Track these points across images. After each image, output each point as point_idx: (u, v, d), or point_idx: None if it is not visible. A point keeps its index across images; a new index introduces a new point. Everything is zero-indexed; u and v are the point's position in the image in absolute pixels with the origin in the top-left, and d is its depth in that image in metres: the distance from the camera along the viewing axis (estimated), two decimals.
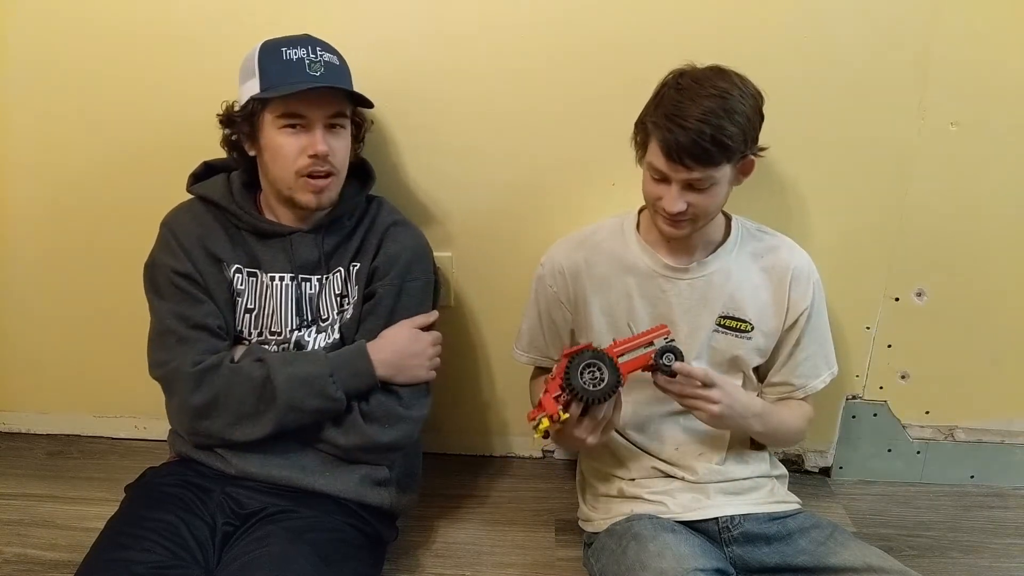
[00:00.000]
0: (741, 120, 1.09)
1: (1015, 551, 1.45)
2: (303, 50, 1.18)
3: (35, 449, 1.77)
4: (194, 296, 1.22)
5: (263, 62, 1.18)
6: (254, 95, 1.17)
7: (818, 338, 1.30)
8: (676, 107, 1.09)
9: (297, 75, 1.16)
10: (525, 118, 1.44)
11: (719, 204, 1.18)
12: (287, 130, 1.18)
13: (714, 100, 1.08)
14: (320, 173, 1.20)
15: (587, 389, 1.10)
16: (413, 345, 1.25)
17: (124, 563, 1.03)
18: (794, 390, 1.31)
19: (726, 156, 1.10)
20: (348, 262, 1.28)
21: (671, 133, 1.08)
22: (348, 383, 1.19)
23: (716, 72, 1.13)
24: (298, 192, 1.21)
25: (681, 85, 1.11)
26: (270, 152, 1.19)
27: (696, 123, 1.07)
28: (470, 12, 1.39)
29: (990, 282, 1.51)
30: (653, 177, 1.16)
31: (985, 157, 1.42)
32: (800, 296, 1.26)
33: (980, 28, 1.34)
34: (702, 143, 1.07)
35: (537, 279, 1.36)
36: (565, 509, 1.52)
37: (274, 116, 1.17)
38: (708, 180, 1.12)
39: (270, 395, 1.16)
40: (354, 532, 1.22)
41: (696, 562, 1.09)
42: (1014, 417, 1.61)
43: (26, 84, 1.50)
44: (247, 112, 1.19)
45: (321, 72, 1.18)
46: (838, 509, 1.58)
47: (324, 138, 1.18)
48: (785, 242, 1.30)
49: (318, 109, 1.18)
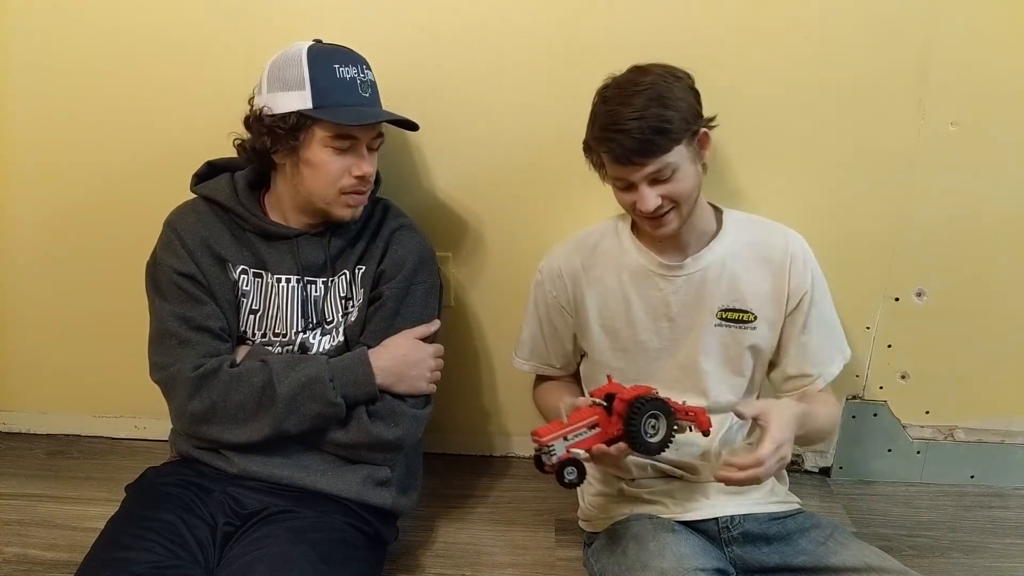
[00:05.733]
0: (675, 103, 1.10)
1: (1015, 551, 1.45)
2: (354, 68, 1.19)
3: (35, 449, 1.77)
4: (196, 297, 1.22)
5: (316, 76, 1.15)
6: (305, 110, 1.15)
7: (825, 321, 1.29)
8: (609, 116, 1.11)
9: (350, 95, 1.17)
10: (525, 118, 1.45)
11: (692, 187, 1.17)
12: (333, 149, 1.17)
13: (641, 96, 1.09)
14: (361, 191, 1.22)
15: (649, 442, 1.08)
16: (414, 354, 1.26)
17: (124, 563, 1.03)
18: (812, 380, 1.29)
19: (673, 140, 1.11)
20: (353, 265, 1.28)
21: (613, 141, 1.10)
22: (347, 389, 1.19)
23: (636, 71, 1.15)
24: (335, 207, 1.21)
25: (607, 96, 1.14)
26: (312, 168, 1.18)
27: (633, 122, 1.08)
28: (470, 12, 1.39)
29: (990, 282, 1.51)
30: (619, 187, 1.18)
31: (985, 157, 1.42)
32: (799, 280, 1.26)
33: (980, 28, 1.34)
34: (644, 137, 1.08)
35: (536, 285, 1.36)
36: (565, 509, 1.52)
37: (326, 135, 1.16)
38: (668, 168, 1.12)
39: (269, 400, 1.16)
40: (355, 532, 1.22)
41: (696, 562, 1.10)
42: (1014, 417, 1.61)
43: (26, 84, 1.50)
44: (290, 124, 1.16)
45: (369, 93, 1.21)
46: (838, 509, 1.58)
47: (369, 159, 1.20)
48: (778, 228, 1.29)
49: (367, 131, 1.19)
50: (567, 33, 1.39)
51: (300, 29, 1.24)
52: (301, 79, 1.15)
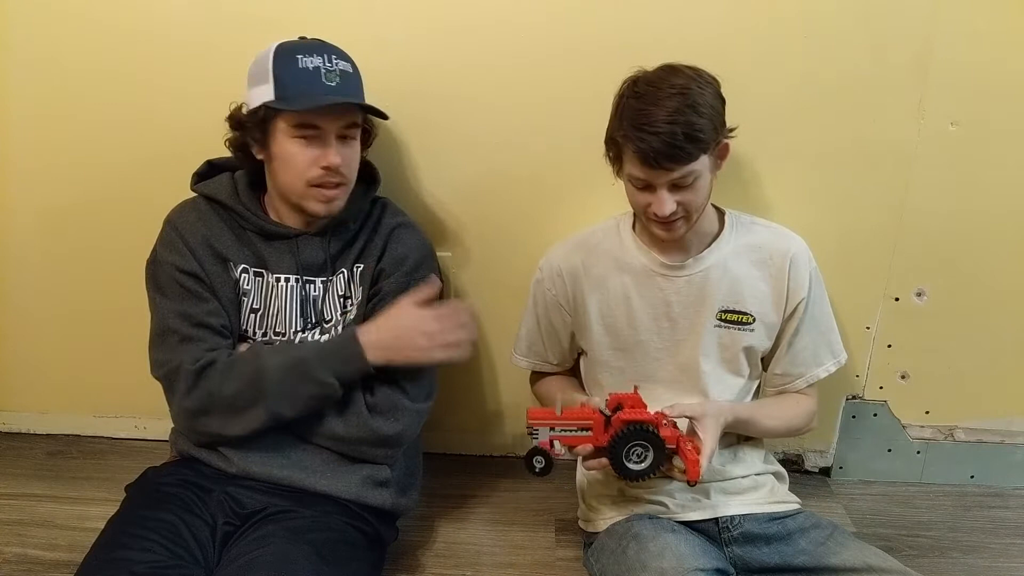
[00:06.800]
0: (707, 111, 1.10)
1: (1015, 551, 1.45)
2: (319, 58, 1.17)
3: (35, 449, 1.76)
4: (197, 294, 1.21)
5: (278, 68, 1.15)
6: (267, 102, 1.15)
7: (818, 325, 1.30)
8: (641, 115, 1.09)
9: (313, 85, 1.15)
10: (525, 117, 1.45)
11: (706, 196, 1.18)
12: (300, 140, 1.17)
13: (676, 99, 1.08)
14: (331, 184, 1.19)
15: (629, 468, 1.11)
16: (405, 319, 1.21)
17: (124, 563, 1.03)
18: (794, 380, 1.31)
19: (701, 149, 1.10)
20: (352, 263, 1.28)
21: (643, 142, 1.09)
22: (338, 367, 1.17)
23: (669, 71, 1.13)
24: (308, 201, 1.20)
25: (639, 92, 1.12)
26: (281, 160, 1.18)
27: (666, 125, 1.07)
28: (469, 11, 1.39)
29: (990, 282, 1.51)
30: (636, 187, 1.17)
31: (985, 157, 1.42)
32: (798, 283, 1.26)
33: (980, 28, 1.34)
34: (676, 143, 1.07)
35: (535, 284, 1.36)
36: (565, 509, 1.52)
37: (288, 125, 1.16)
38: (691, 176, 1.12)
39: (261, 385, 1.16)
40: (354, 532, 1.22)
41: (696, 562, 1.10)
42: (1014, 417, 1.61)
43: (27, 84, 1.50)
44: (259, 118, 1.17)
45: (337, 82, 1.17)
46: (838, 509, 1.58)
47: (337, 149, 1.18)
48: (780, 230, 1.30)
49: (332, 121, 1.17)
50: (568, 32, 1.38)
51: (302, 29, 1.24)
52: (266, 73, 1.16)
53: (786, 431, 1.35)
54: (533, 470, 1.12)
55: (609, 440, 1.11)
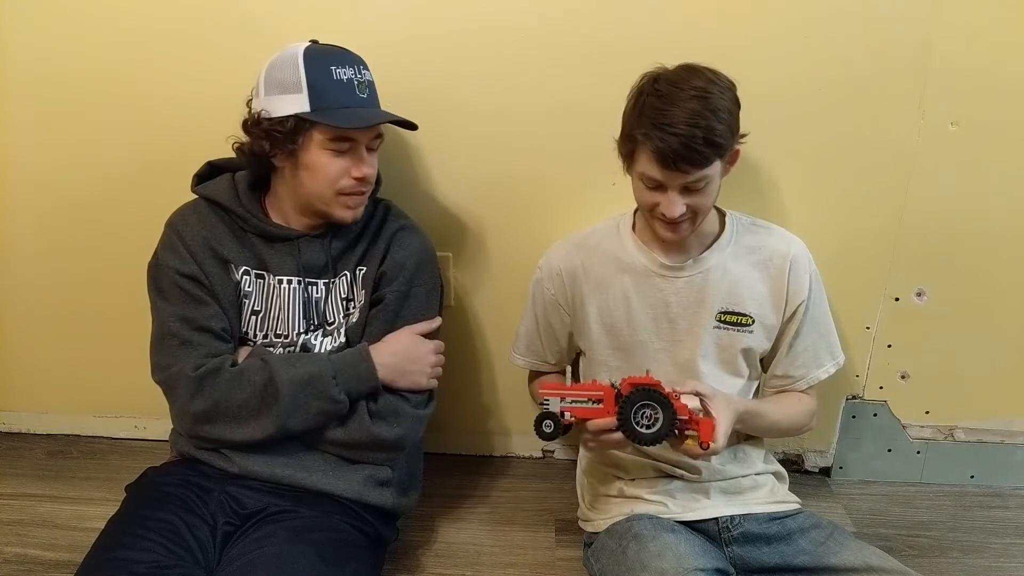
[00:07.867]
0: (725, 116, 1.10)
1: (1015, 551, 1.45)
2: (351, 69, 1.18)
3: (35, 449, 1.76)
4: (198, 298, 1.21)
5: (312, 78, 1.15)
6: (303, 113, 1.15)
7: (818, 328, 1.30)
8: (661, 114, 1.09)
9: (349, 97, 1.17)
10: (525, 118, 1.45)
11: (714, 199, 1.18)
12: (332, 151, 1.17)
13: (697, 101, 1.08)
14: (360, 192, 1.22)
15: (639, 431, 1.10)
16: (414, 350, 1.26)
17: (124, 563, 1.03)
18: (794, 381, 1.31)
19: (718, 154, 1.11)
20: (354, 266, 1.28)
21: (663, 142, 1.08)
22: (350, 385, 1.19)
23: (690, 71, 1.13)
24: (335, 208, 1.21)
25: (660, 91, 1.11)
26: (310, 170, 1.18)
27: (686, 127, 1.07)
28: (469, 13, 1.39)
29: (990, 282, 1.51)
30: (647, 186, 1.16)
31: (985, 157, 1.42)
32: (798, 286, 1.26)
33: (980, 28, 1.34)
34: (695, 146, 1.07)
35: (534, 283, 1.36)
36: (565, 509, 1.52)
37: (324, 138, 1.16)
38: (704, 180, 1.12)
39: (272, 398, 1.16)
40: (355, 532, 1.22)
41: (696, 562, 1.10)
42: (1014, 417, 1.61)
43: (27, 84, 1.50)
44: (289, 128, 1.15)
45: (367, 93, 1.20)
46: (838, 509, 1.58)
47: (368, 160, 1.20)
48: (780, 233, 1.30)
49: (366, 133, 1.19)
50: (568, 36, 1.38)
51: (301, 30, 1.24)
52: (298, 82, 1.15)
53: (789, 428, 1.35)
54: (543, 434, 1.13)
55: (620, 403, 1.10)
